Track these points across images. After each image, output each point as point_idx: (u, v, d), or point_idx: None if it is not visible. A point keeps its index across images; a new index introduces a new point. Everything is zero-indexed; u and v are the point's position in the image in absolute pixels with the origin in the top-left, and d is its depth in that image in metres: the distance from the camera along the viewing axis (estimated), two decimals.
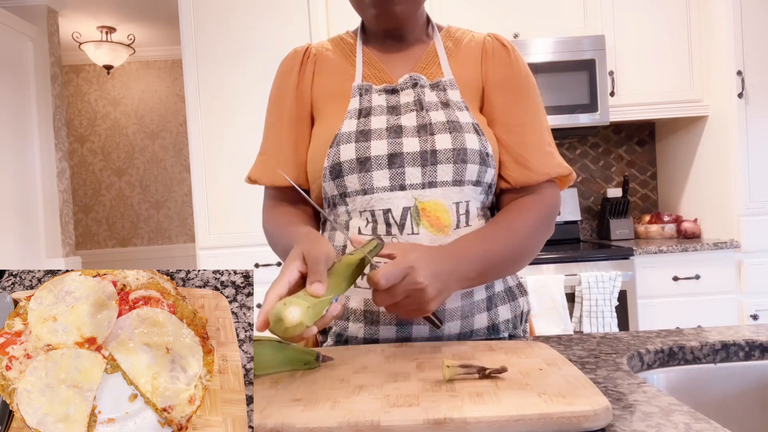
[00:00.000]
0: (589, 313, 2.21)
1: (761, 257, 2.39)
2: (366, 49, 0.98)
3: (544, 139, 0.93)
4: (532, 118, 0.93)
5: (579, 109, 2.50)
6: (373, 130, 0.87)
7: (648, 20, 2.58)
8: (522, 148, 0.91)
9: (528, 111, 0.93)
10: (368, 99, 0.91)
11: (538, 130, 0.92)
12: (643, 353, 0.76)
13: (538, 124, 0.93)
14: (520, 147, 0.91)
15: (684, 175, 2.80)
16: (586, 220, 3.01)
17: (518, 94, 0.93)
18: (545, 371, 0.62)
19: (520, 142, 0.91)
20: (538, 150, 0.91)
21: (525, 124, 0.92)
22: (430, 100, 0.90)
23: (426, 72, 0.94)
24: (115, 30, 4.12)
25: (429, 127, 0.87)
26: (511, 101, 0.93)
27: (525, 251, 0.88)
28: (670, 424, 0.51)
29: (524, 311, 0.93)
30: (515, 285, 0.93)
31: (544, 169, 0.90)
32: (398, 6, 0.89)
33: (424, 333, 0.85)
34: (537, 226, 0.89)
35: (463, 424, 0.50)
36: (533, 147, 0.91)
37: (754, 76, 2.40)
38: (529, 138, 0.91)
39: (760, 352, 0.78)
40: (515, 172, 0.91)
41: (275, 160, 0.96)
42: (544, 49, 2.50)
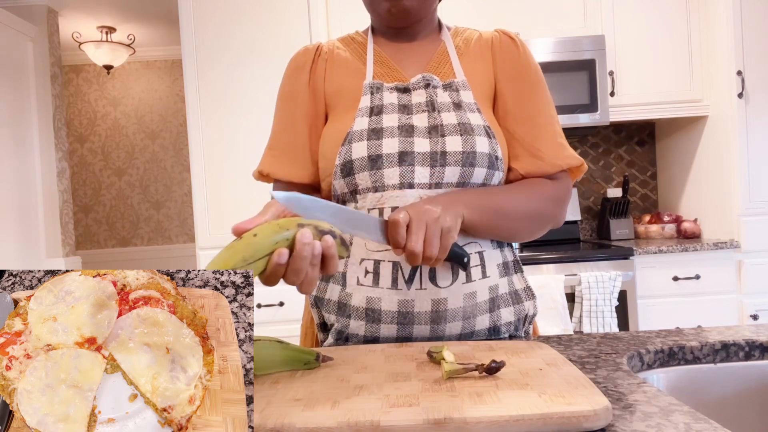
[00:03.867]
0: (589, 313, 2.21)
1: (761, 257, 2.38)
2: (377, 48, 0.98)
3: (556, 131, 0.93)
4: (544, 111, 0.93)
5: (579, 109, 2.50)
6: (385, 128, 0.88)
7: (648, 20, 2.58)
8: (535, 140, 0.91)
9: (540, 103, 0.94)
10: (379, 97, 0.91)
11: (550, 123, 0.93)
12: (643, 353, 0.76)
13: (550, 116, 0.94)
14: (534, 138, 0.91)
15: (684, 175, 2.80)
16: (586, 220, 3.01)
17: (530, 87, 0.94)
18: (545, 371, 0.62)
19: (534, 134, 0.92)
20: (551, 141, 0.92)
21: (538, 116, 0.93)
22: (443, 101, 0.90)
23: (438, 72, 0.94)
24: (115, 30, 4.11)
25: (440, 128, 0.87)
26: (524, 93, 0.94)
27: (531, 213, 0.89)
28: (670, 424, 0.51)
29: (529, 314, 0.93)
30: (522, 288, 0.92)
31: (556, 161, 0.91)
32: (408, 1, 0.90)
33: (424, 332, 0.85)
34: (546, 197, 0.90)
35: (463, 424, 0.50)
36: (546, 139, 0.91)
37: (754, 76, 2.40)
38: (542, 130, 0.92)
39: (760, 352, 0.78)
40: (527, 163, 0.91)
41: (289, 156, 0.95)
42: (544, 49, 2.50)
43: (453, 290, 0.84)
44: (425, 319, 0.84)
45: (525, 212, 0.88)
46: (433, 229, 0.73)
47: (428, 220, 0.73)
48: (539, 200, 0.90)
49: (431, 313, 0.84)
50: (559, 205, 0.92)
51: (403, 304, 0.84)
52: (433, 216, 0.74)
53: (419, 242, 0.72)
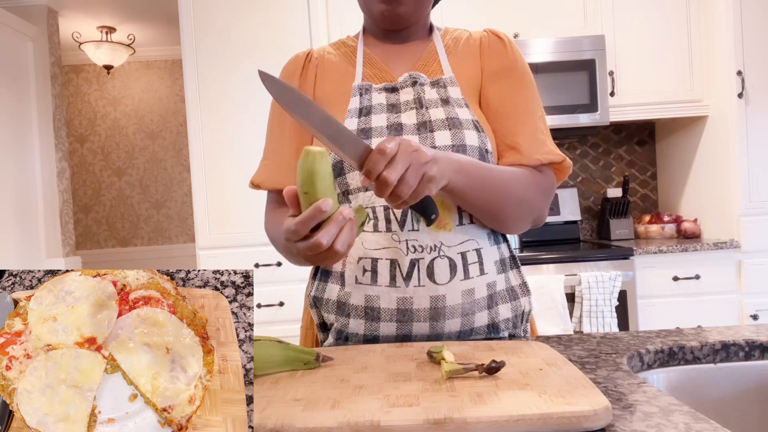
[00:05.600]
0: (589, 313, 2.21)
1: (761, 257, 2.38)
2: (367, 50, 0.99)
3: (537, 127, 0.93)
4: (525, 107, 0.93)
5: (579, 109, 2.50)
6: (374, 128, 0.88)
7: (648, 20, 2.58)
8: (514, 134, 0.91)
9: (521, 100, 0.94)
10: (368, 98, 0.92)
11: (531, 119, 0.93)
12: (643, 353, 0.76)
13: (531, 112, 0.93)
14: (513, 133, 0.92)
15: (684, 175, 2.80)
16: (586, 220, 3.01)
17: (512, 84, 0.94)
18: (545, 371, 0.62)
19: (512, 129, 0.92)
20: (530, 136, 0.91)
21: (517, 113, 0.93)
22: (430, 97, 0.90)
23: (426, 70, 0.95)
24: (115, 30, 4.11)
25: (429, 124, 0.88)
26: (505, 90, 0.94)
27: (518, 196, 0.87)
28: (670, 424, 0.51)
29: (525, 311, 0.93)
30: (518, 284, 0.93)
31: (534, 155, 0.90)
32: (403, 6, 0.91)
33: (423, 330, 0.85)
34: (534, 185, 0.89)
35: (463, 424, 0.50)
36: (525, 133, 0.91)
37: (754, 76, 2.40)
38: (521, 126, 0.92)
39: (760, 352, 0.78)
40: (507, 157, 0.92)
41: (277, 165, 0.97)
42: (544, 49, 2.50)
43: (451, 287, 0.84)
44: (424, 316, 0.84)
45: (513, 193, 0.86)
46: (415, 170, 0.69)
47: (413, 161, 0.68)
48: (527, 186, 0.89)
49: (430, 310, 0.84)
50: (545, 197, 0.92)
51: (401, 301, 0.84)
52: (421, 159, 0.69)
53: (395, 174, 0.67)
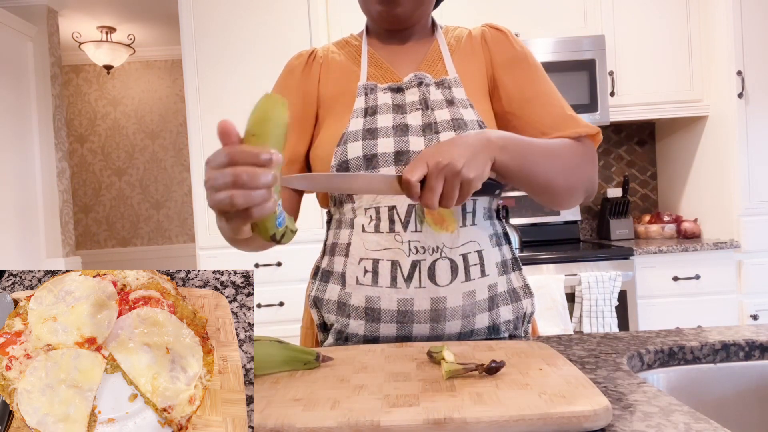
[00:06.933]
0: (589, 313, 2.21)
1: (761, 257, 2.38)
2: (371, 50, 0.99)
3: (564, 104, 0.93)
4: (545, 89, 0.93)
5: (579, 109, 2.50)
6: (380, 128, 0.88)
7: (648, 20, 2.58)
8: (544, 117, 0.90)
9: (540, 83, 0.94)
10: (374, 98, 0.92)
11: (557, 99, 0.93)
12: (643, 353, 0.76)
13: (555, 93, 0.94)
14: (542, 116, 0.91)
15: (684, 175, 2.80)
16: (586, 220, 3.01)
17: (527, 70, 0.94)
18: (545, 371, 0.62)
19: (541, 112, 0.91)
20: (562, 115, 0.91)
21: (541, 96, 0.92)
22: (435, 98, 0.91)
23: (431, 70, 0.95)
24: (115, 30, 4.11)
25: (434, 125, 0.88)
26: (521, 77, 0.94)
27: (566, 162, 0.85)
28: (670, 424, 0.51)
29: (528, 312, 0.93)
30: (520, 286, 0.93)
31: (573, 129, 0.89)
32: (400, 7, 0.92)
33: (424, 331, 0.85)
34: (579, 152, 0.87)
35: (463, 424, 0.50)
36: (555, 114, 0.91)
37: (754, 76, 2.40)
38: (549, 108, 0.92)
39: (760, 352, 0.78)
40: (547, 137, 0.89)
41: None
42: (544, 49, 2.50)
43: (452, 289, 0.84)
44: (425, 317, 0.84)
45: (561, 161, 0.84)
46: (453, 183, 0.69)
47: (447, 174, 0.68)
48: (572, 153, 0.87)
49: (431, 311, 0.84)
50: (592, 165, 0.90)
51: (402, 302, 0.84)
52: (454, 169, 0.68)
53: (434, 198, 0.68)
